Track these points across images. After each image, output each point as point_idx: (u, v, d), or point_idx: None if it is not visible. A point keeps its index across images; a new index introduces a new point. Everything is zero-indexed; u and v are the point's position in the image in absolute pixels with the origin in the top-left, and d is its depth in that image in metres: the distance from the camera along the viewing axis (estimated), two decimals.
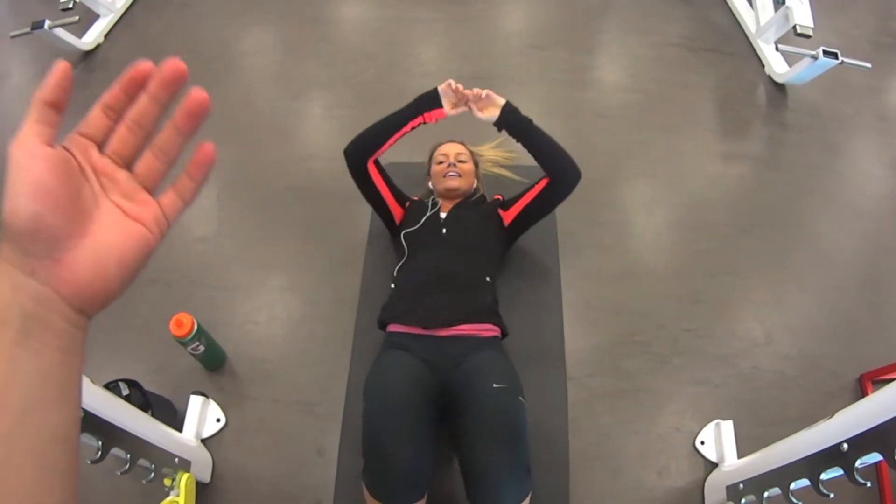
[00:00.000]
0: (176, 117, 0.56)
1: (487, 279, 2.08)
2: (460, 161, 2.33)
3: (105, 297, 0.52)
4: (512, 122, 2.05)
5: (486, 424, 1.64)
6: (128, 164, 0.56)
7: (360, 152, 2.13)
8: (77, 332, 0.49)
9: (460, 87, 2.03)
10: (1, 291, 0.46)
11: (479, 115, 2.04)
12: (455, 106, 2.07)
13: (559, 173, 2.10)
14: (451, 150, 2.37)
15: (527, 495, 1.60)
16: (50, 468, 0.45)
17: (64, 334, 0.48)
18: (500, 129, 2.07)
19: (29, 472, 0.44)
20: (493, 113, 2.03)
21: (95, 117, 0.55)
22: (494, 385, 1.74)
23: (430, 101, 2.07)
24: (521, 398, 1.74)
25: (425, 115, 2.08)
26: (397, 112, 2.11)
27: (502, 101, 2.05)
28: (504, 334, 2.04)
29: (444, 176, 2.29)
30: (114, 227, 0.53)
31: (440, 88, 2.05)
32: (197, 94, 0.55)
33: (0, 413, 0.43)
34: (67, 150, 0.53)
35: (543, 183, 2.12)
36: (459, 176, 2.29)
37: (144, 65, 0.54)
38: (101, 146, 0.55)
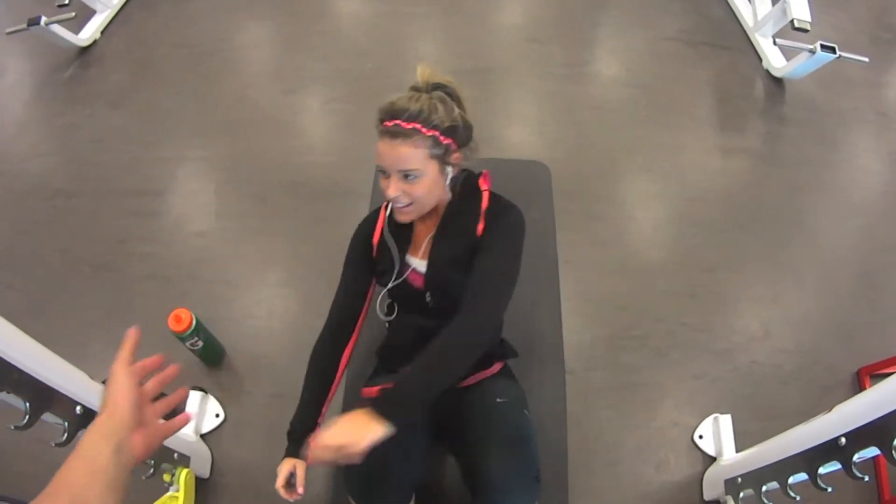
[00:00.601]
0: (171, 400, 1.13)
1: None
2: (407, 180, 1.54)
3: (146, 458, 0.99)
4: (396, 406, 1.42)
5: (493, 433, 1.59)
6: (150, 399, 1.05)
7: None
8: (132, 463, 0.90)
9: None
10: (109, 430, 0.88)
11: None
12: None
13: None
14: (390, 157, 1.53)
15: (532, 502, 1.57)
16: None
17: (129, 461, 0.88)
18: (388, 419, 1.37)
19: None
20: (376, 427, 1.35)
21: (138, 370, 1.04)
22: (498, 400, 1.70)
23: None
24: (525, 411, 1.72)
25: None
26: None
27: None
28: (514, 355, 1.89)
29: (393, 205, 1.64)
30: (149, 429, 0.98)
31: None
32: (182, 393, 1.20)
33: (98, 486, 0.80)
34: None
35: None
36: (410, 205, 1.59)
37: (159, 360, 1.12)
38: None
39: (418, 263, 1.72)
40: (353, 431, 1.32)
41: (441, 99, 1.62)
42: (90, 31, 3.71)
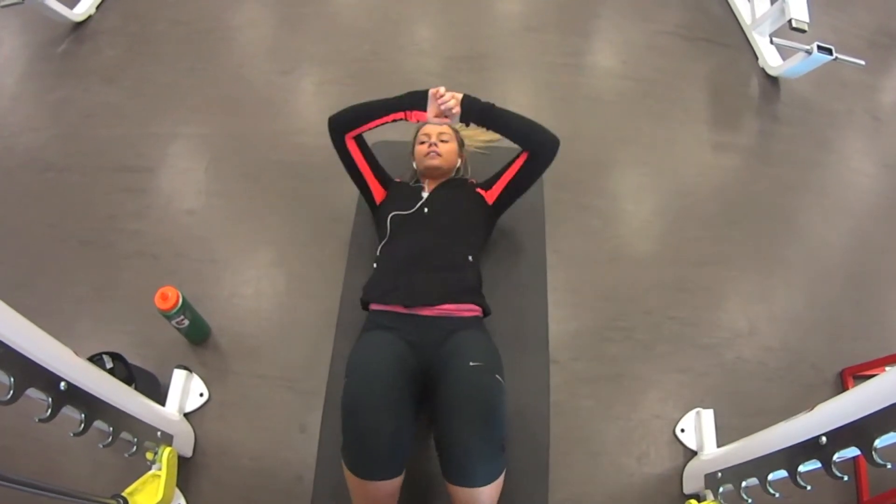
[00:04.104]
0: None
1: (470, 258, 2.13)
2: (442, 140, 2.39)
3: None
4: (475, 111, 2.14)
5: (460, 400, 1.66)
6: None
7: (341, 125, 2.22)
8: None
9: (443, 93, 2.10)
10: None
11: (452, 121, 2.18)
12: (438, 115, 2.15)
13: (537, 147, 2.17)
14: (433, 129, 2.41)
15: (500, 473, 1.62)
16: None
17: None
18: (467, 124, 2.17)
19: None
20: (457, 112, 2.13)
21: None
22: (471, 363, 1.76)
23: (417, 100, 2.14)
24: (498, 377, 1.76)
25: (408, 112, 2.16)
26: (384, 100, 2.17)
27: (459, 96, 2.13)
28: (486, 314, 2.06)
29: (426, 155, 2.36)
30: None
31: (430, 92, 2.11)
32: None
33: None
34: None
35: (523, 157, 2.17)
36: (440, 155, 2.35)
37: None
38: None
39: (424, 194, 2.27)
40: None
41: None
42: (85, 6, 3.68)
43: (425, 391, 1.83)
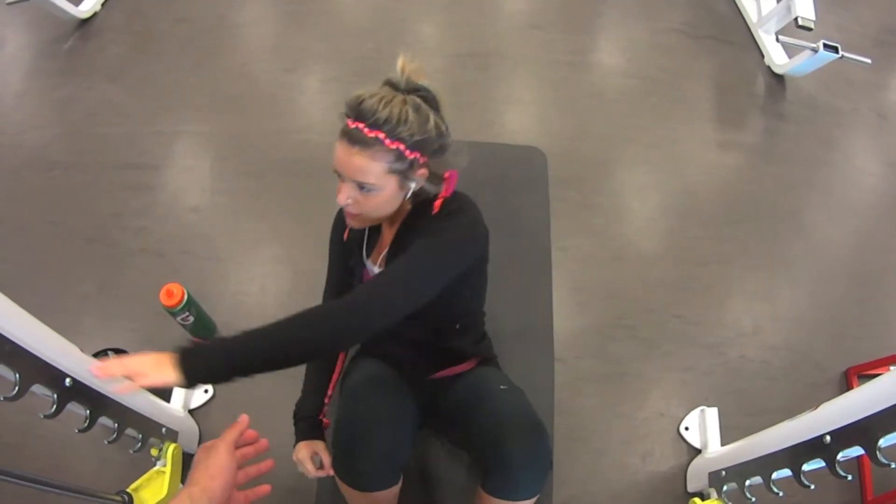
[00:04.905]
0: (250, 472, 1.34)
1: (457, 326, 1.78)
2: (362, 191, 1.47)
3: None
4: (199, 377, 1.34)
5: (508, 420, 1.57)
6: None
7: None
8: None
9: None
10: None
11: None
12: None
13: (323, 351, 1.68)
14: (345, 164, 1.47)
15: (543, 487, 1.57)
16: None
17: None
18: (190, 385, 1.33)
19: None
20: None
21: (241, 457, 1.29)
22: (502, 387, 1.72)
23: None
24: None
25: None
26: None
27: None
28: (490, 357, 1.94)
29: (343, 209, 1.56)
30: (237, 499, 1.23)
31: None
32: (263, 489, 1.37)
33: None
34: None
35: None
36: (358, 215, 1.56)
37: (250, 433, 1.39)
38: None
39: (375, 270, 1.73)
40: (148, 367, 1.24)
41: (416, 106, 1.42)
42: (90, 4, 3.67)
43: (434, 414, 1.79)
